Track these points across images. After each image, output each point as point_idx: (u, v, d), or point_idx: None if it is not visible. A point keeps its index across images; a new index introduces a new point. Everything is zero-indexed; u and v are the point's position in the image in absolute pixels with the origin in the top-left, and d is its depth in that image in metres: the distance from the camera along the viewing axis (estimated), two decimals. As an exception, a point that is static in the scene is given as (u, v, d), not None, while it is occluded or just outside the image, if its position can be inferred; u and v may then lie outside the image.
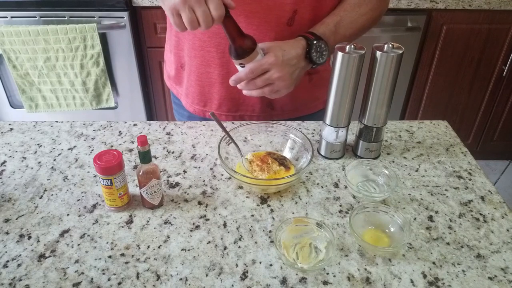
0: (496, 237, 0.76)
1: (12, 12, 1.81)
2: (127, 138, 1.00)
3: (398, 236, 0.74)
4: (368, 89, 0.86)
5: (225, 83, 1.02)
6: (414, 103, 2.17)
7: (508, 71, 2.05)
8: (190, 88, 1.09)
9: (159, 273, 0.68)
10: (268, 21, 0.92)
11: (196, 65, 1.03)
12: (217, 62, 1.00)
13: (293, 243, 0.72)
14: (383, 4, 1.00)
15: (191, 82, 1.07)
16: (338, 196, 0.84)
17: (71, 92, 1.95)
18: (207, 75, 1.03)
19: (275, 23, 0.93)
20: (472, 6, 1.86)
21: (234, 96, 1.06)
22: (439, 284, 0.67)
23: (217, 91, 1.05)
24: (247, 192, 0.85)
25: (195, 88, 1.07)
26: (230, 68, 1.00)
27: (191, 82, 1.07)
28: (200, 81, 1.05)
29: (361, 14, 0.97)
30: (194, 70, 1.04)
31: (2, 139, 0.99)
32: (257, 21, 0.92)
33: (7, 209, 0.80)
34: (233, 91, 1.03)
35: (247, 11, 0.91)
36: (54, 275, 0.68)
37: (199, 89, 1.07)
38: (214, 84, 1.04)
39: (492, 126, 2.28)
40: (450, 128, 1.05)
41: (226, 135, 0.90)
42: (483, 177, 0.89)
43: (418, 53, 2.00)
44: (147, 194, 0.78)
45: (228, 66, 1.00)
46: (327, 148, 0.92)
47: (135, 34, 1.89)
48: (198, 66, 1.03)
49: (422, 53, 2.00)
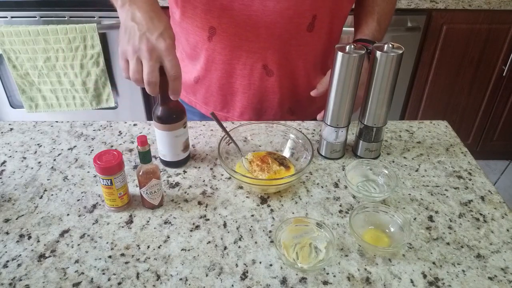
0: (496, 237, 0.76)
1: (12, 12, 1.81)
2: (127, 138, 1.00)
3: (398, 236, 0.74)
4: (368, 89, 0.86)
5: (247, 93, 1.03)
6: (414, 103, 2.17)
7: (508, 71, 2.05)
8: (210, 97, 1.07)
9: (159, 273, 0.68)
10: (288, 29, 0.93)
11: (217, 77, 1.02)
12: (239, 73, 1.00)
13: (293, 243, 0.72)
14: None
15: (212, 92, 1.06)
16: (338, 196, 0.84)
17: (71, 92, 1.95)
18: (228, 85, 1.03)
19: (295, 31, 0.93)
20: (472, 6, 1.86)
21: (256, 106, 1.06)
22: (439, 284, 0.67)
23: (239, 99, 1.05)
24: (247, 192, 0.85)
25: (216, 97, 1.07)
26: (252, 79, 1.00)
27: (212, 92, 1.06)
28: (221, 90, 1.04)
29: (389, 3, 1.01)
30: (215, 82, 1.03)
31: (2, 139, 0.99)
32: (279, 31, 0.92)
33: (7, 209, 0.80)
34: (254, 100, 1.04)
35: (268, 22, 0.91)
36: (54, 275, 0.68)
37: (220, 98, 1.06)
38: (236, 94, 1.04)
39: (492, 126, 2.28)
40: (450, 128, 1.05)
41: (226, 135, 0.90)
42: (483, 177, 0.89)
43: (418, 53, 2.00)
44: (147, 194, 0.78)
45: (250, 77, 1.00)
46: (327, 148, 0.92)
47: (135, 34, 1.89)
48: (219, 78, 1.02)
49: (422, 53, 2.00)
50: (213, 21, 0.93)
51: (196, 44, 0.99)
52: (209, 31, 0.94)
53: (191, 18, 0.96)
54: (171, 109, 0.82)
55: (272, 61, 0.98)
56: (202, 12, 0.92)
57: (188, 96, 1.12)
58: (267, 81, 1.01)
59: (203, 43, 0.97)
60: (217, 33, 0.94)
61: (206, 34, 0.95)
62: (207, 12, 0.92)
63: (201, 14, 0.93)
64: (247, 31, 0.92)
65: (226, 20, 0.92)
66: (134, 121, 1.06)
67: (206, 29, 0.95)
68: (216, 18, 0.92)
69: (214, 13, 0.91)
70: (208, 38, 0.96)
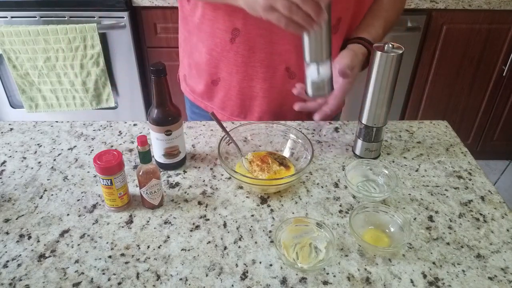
0: (496, 237, 0.76)
1: (12, 12, 1.81)
2: (127, 138, 1.00)
3: (398, 236, 0.74)
4: (368, 89, 0.86)
5: (267, 97, 1.02)
6: (414, 103, 2.17)
7: (508, 71, 2.05)
8: (228, 101, 1.06)
9: (159, 273, 0.68)
10: None
11: (238, 80, 1.01)
12: (261, 76, 0.99)
13: (293, 243, 0.72)
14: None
15: (230, 96, 1.05)
16: (338, 196, 0.84)
17: (71, 92, 1.95)
18: (249, 89, 1.02)
19: None
20: (472, 6, 1.86)
21: (275, 110, 1.05)
22: (439, 284, 0.67)
23: (258, 104, 1.04)
24: (247, 192, 0.85)
25: (234, 102, 1.05)
26: (273, 82, 1.00)
27: (230, 96, 1.05)
28: (241, 95, 1.03)
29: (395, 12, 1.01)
30: (235, 85, 1.02)
31: (2, 139, 0.99)
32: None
33: (7, 209, 0.80)
34: (273, 104, 1.03)
35: None
36: (54, 275, 0.68)
37: (239, 102, 1.05)
38: (256, 98, 1.03)
39: (492, 126, 2.27)
40: (450, 128, 1.05)
41: (226, 135, 0.90)
42: (483, 177, 0.89)
43: (418, 53, 2.00)
44: (147, 194, 0.78)
45: (272, 80, 0.99)
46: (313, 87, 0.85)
47: (135, 34, 1.89)
48: (240, 81, 1.01)
49: (422, 53, 2.00)
50: (238, 22, 0.92)
51: (214, 47, 0.98)
52: (232, 32, 0.93)
53: (212, 21, 0.94)
54: (166, 112, 0.82)
55: (296, 64, 0.97)
56: (226, 14, 0.92)
57: (204, 101, 1.10)
58: (289, 84, 0.99)
59: (225, 45, 0.96)
60: (241, 35, 0.93)
61: (228, 36, 0.94)
62: (231, 14, 0.91)
63: (224, 16, 0.92)
64: (272, 32, 0.92)
65: (252, 21, 0.90)
66: (134, 121, 1.06)
67: (229, 31, 0.94)
68: (241, 20, 0.91)
69: (239, 14, 0.90)
70: (230, 40, 0.95)
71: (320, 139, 1.00)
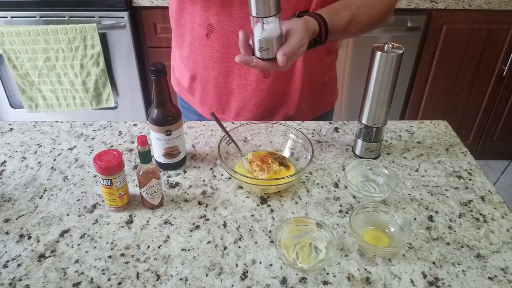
0: (496, 237, 0.76)
1: (12, 12, 1.81)
2: (127, 138, 1.00)
3: (398, 236, 0.74)
4: (368, 89, 0.86)
5: (243, 93, 1.02)
6: (414, 103, 2.17)
7: (508, 71, 2.05)
8: (206, 97, 1.07)
9: (159, 273, 0.68)
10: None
11: (214, 76, 1.01)
12: (237, 72, 0.99)
13: (293, 243, 0.72)
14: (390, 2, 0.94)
15: (208, 91, 1.05)
16: (338, 196, 0.84)
17: (71, 92, 1.95)
18: (225, 85, 1.02)
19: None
20: (472, 6, 1.86)
21: (251, 108, 1.05)
22: (439, 284, 0.67)
23: (235, 100, 1.04)
24: (247, 192, 0.85)
25: (212, 97, 1.06)
26: (248, 78, 1.00)
27: (208, 92, 1.05)
28: (218, 90, 1.04)
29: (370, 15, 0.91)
30: (212, 81, 1.02)
31: (2, 139, 0.99)
32: None
33: (7, 209, 0.80)
34: (250, 101, 1.03)
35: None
36: (54, 275, 0.68)
37: (216, 98, 1.06)
38: (232, 93, 1.03)
39: (492, 126, 2.27)
40: (450, 128, 1.05)
41: (226, 135, 0.90)
42: (483, 177, 0.89)
43: (418, 53, 2.00)
44: (147, 194, 0.78)
45: (247, 76, 1.00)
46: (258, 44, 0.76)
47: (135, 34, 1.89)
48: (216, 77, 1.01)
49: (422, 53, 2.00)
50: (212, 18, 0.93)
51: (193, 41, 0.99)
52: (208, 28, 0.94)
53: (190, 14, 0.95)
54: (166, 112, 0.82)
55: None
56: (201, 9, 0.92)
57: (187, 94, 1.12)
58: (264, 83, 1.00)
59: (201, 40, 0.97)
60: (215, 31, 0.94)
61: (204, 31, 0.95)
62: (206, 9, 0.92)
63: (200, 11, 0.93)
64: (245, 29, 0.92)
65: (224, 18, 0.92)
66: (134, 121, 1.06)
67: (204, 26, 0.94)
68: (215, 16, 0.92)
69: (213, 10, 0.91)
70: (206, 35, 0.96)
71: (320, 139, 1.00)
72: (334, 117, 1.22)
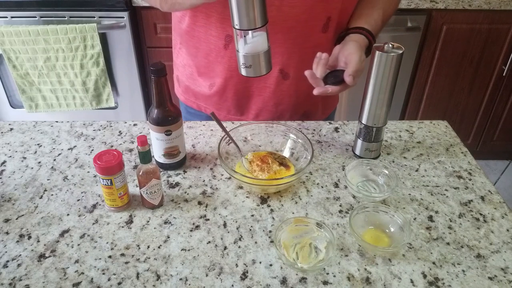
0: (496, 237, 0.76)
1: (12, 12, 1.81)
2: (127, 138, 1.00)
3: (398, 236, 0.74)
4: (368, 89, 0.86)
5: (262, 95, 1.03)
6: (414, 103, 2.17)
7: (508, 71, 2.05)
8: (224, 103, 1.07)
9: (159, 273, 0.68)
10: (305, 32, 0.93)
11: (234, 83, 1.02)
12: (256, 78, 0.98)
13: (293, 243, 0.72)
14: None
15: (226, 97, 1.05)
16: (338, 196, 0.84)
17: (71, 92, 1.95)
18: (244, 90, 1.03)
19: (311, 33, 0.94)
20: (472, 6, 1.85)
21: (271, 109, 1.05)
22: (439, 284, 0.67)
23: (254, 101, 1.05)
24: (247, 192, 0.85)
25: (230, 102, 1.06)
26: (268, 81, 1.00)
27: (226, 98, 1.05)
28: (236, 95, 1.04)
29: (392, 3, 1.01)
30: (231, 88, 1.03)
31: (2, 139, 0.99)
32: (294, 34, 0.92)
33: (7, 209, 0.80)
34: (269, 103, 1.04)
35: (284, 27, 0.91)
36: (54, 275, 0.68)
37: (235, 102, 1.06)
38: (251, 96, 1.04)
39: (492, 126, 2.27)
40: (450, 128, 1.05)
41: (226, 135, 0.90)
42: (483, 177, 0.89)
43: (418, 53, 2.00)
44: (147, 194, 0.78)
45: (266, 79, 1.00)
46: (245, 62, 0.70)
47: (135, 34, 1.89)
48: (235, 84, 1.02)
49: (422, 53, 1.99)
50: (230, 29, 0.91)
51: (209, 52, 0.98)
52: (226, 39, 0.94)
53: (204, 27, 0.95)
54: (166, 112, 0.82)
55: (289, 65, 0.97)
56: (217, 21, 0.92)
57: (197, 102, 1.11)
58: (283, 84, 1.00)
59: (219, 51, 0.96)
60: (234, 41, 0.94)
61: (222, 43, 0.95)
62: (223, 21, 0.91)
63: (216, 23, 0.92)
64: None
65: None
66: (134, 121, 1.06)
67: (222, 38, 0.94)
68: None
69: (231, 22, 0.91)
70: (224, 46, 0.95)
71: (320, 139, 1.00)
72: (334, 117, 1.23)
